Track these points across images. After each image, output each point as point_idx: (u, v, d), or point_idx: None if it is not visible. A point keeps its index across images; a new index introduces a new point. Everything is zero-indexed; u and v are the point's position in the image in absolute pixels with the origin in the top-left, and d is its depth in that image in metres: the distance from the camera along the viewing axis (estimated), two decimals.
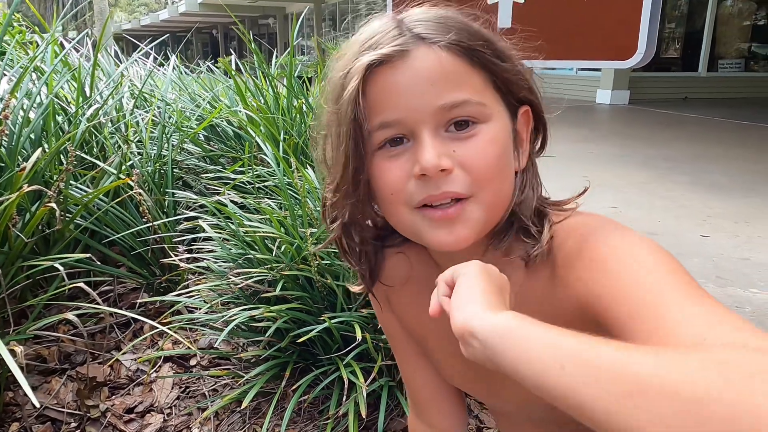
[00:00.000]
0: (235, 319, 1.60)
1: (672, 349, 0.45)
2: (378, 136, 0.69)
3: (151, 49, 3.61)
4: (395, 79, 0.66)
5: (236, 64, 3.90)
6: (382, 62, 0.66)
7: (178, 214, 2.33)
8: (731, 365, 0.38)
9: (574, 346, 0.44)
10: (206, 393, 1.82)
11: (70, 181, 2.10)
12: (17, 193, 1.61)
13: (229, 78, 3.40)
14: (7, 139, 1.96)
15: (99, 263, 1.96)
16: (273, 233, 1.79)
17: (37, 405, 1.24)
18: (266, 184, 2.29)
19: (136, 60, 3.72)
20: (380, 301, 0.92)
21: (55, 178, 2.03)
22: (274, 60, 3.97)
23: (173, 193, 2.34)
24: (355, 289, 0.91)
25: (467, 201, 0.67)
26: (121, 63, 3.72)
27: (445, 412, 0.98)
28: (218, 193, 2.31)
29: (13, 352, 1.33)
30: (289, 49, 2.97)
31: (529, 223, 0.73)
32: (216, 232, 1.96)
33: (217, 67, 4.83)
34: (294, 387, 1.62)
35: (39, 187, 1.67)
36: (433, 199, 0.67)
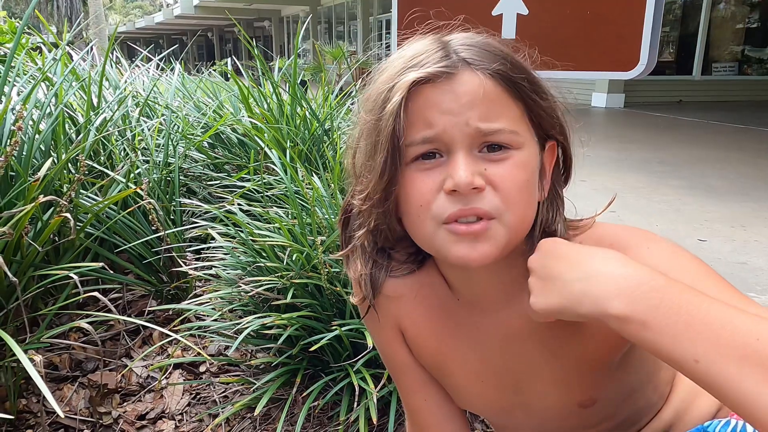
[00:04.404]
0: (247, 327, 1.63)
1: None
2: (414, 150, 0.71)
3: (152, 53, 3.63)
4: (438, 98, 0.69)
5: (236, 67, 3.92)
6: (426, 80, 0.69)
7: (185, 222, 2.35)
8: None
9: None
10: (217, 400, 1.84)
11: (80, 190, 2.13)
12: (32, 204, 1.64)
13: (228, 80, 3.42)
14: (18, 149, 1.98)
15: (111, 272, 1.99)
16: (282, 242, 1.81)
17: (62, 415, 1.27)
18: (273, 192, 2.32)
19: (138, 65, 3.75)
20: (391, 331, 0.91)
21: (65, 188, 2.06)
22: (277, 66, 3.99)
23: (180, 202, 2.37)
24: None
25: (493, 220, 0.70)
26: (123, 68, 3.75)
27: None
28: (224, 201, 2.33)
29: (32, 361, 1.35)
30: (291, 56, 2.99)
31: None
32: (225, 241, 1.99)
33: (214, 69, 4.86)
34: (304, 393, 1.65)
35: (53, 197, 1.70)
36: (463, 213, 0.69)
